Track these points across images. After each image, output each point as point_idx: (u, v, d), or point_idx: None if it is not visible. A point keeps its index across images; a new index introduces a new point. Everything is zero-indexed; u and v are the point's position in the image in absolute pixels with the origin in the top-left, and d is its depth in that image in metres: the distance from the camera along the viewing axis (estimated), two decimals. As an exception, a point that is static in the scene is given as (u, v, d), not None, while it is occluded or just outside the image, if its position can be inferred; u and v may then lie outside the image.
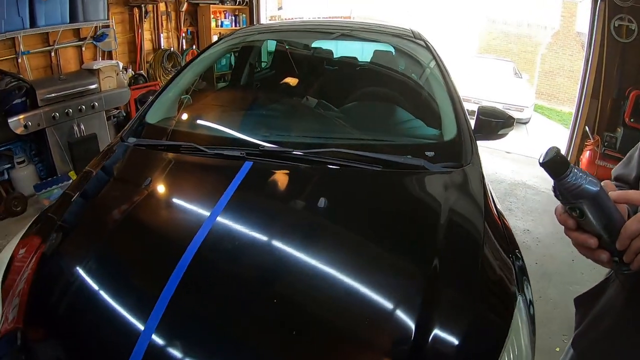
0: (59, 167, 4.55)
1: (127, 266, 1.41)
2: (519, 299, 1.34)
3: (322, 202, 1.54)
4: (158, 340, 1.07)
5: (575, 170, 0.74)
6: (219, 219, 1.43)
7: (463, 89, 8.68)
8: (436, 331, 1.14)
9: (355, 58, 3.30)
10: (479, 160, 1.90)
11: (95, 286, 1.28)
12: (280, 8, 17.51)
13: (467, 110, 2.26)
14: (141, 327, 1.10)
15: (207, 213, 1.46)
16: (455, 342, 1.14)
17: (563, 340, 2.44)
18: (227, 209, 1.47)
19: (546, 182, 5.45)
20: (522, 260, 1.57)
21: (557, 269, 3.41)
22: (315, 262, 1.35)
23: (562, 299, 2.91)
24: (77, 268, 1.33)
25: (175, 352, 1.06)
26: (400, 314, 1.19)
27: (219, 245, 1.37)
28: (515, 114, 9.13)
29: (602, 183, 0.77)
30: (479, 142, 2.13)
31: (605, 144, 5.36)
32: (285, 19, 17.25)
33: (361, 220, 1.53)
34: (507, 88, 9.79)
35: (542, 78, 14.78)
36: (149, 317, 1.11)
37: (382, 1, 19.00)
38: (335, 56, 3.31)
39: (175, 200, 1.74)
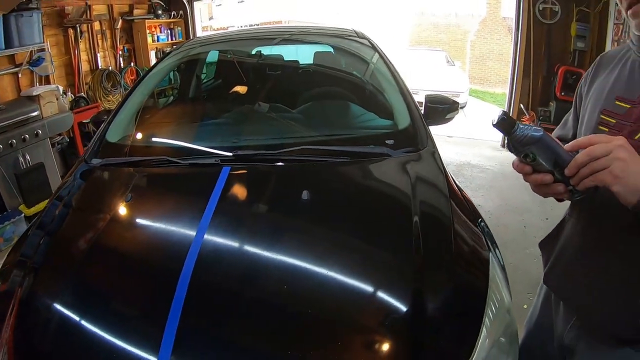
0: (7, 202, 4.34)
1: (121, 297, 1.32)
2: (492, 258, 1.46)
3: (305, 194, 1.60)
4: None
5: (522, 125, 0.92)
6: (208, 232, 1.39)
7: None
8: (428, 299, 1.24)
9: (301, 61, 3.40)
10: (434, 143, 2.03)
11: (87, 326, 1.19)
12: (211, 18, 17.39)
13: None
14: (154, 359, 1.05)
15: (194, 227, 1.41)
16: (447, 304, 1.26)
17: (529, 298, 2.61)
18: (215, 220, 1.44)
19: (489, 160, 5.78)
20: (487, 227, 1.70)
21: (512, 237, 3.68)
22: (314, 259, 1.39)
23: (522, 263, 3.13)
24: (63, 308, 1.24)
25: None
26: (395, 289, 1.28)
27: (215, 258, 1.35)
28: (453, 100, 9.59)
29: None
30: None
31: (541, 117, 5.90)
32: (219, 28, 17.13)
33: (344, 210, 1.60)
34: (442, 76, 10.23)
35: (474, 63, 15.49)
36: (159, 348, 1.06)
37: (309, 4, 19.16)
38: (280, 59, 3.36)
39: (157, 217, 1.67)
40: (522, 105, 5.90)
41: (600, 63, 1.20)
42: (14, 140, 4.32)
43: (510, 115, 0.95)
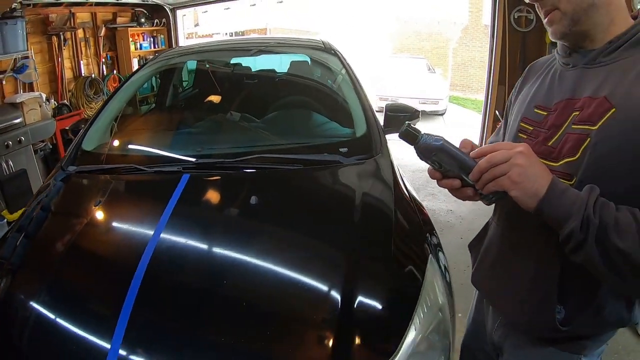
0: (-10, 208, 4.43)
1: (83, 294, 1.44)
2: (430, 261, 1.54)
3: (253, 199, 1.76)
4: (125, 353, 1.16)
5: (425, 135, 0.99)
6: (164, 232, 1.53)
7: (381, 89, 9.15)
8: (360, 296, 1.33)
9: (272, 71, 3.54)
10: (388, 151, 2.17)
11: (53, 318, 1.31)
12: (196, 25, 17.46)
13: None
14: (107, 345, 1.16)
15: (152, 228, 1.54)
16: (378, 302, 1.36)
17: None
18: (170, 222, 1.57)
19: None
20: (435, 232, 1.81)
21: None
22: (255, 256, 1.50)
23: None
24: (33, 305, 1.35)
25: None
26: (327, 286, 1.40)
27: (167, 256, 1.47)
28: (431, 107, 9.78)
29: (462, 140, 1.01)
30: (391, 136, 2.40)
31: (515, 124, 5.96)
32: (203, 36, 17.21)
33: (289, 213, 1.73)
34: (422, 84, 10.39)
35: (456, 71, 15.65)
36: (112, 336, 1.17)
37: (295, 12, 19.30)
38: (253, 70, 3.52)
39: (121, 220, 1.82)
40: (497, 112, 6.03)
41: (528, 72, 1.24)
42: (-3, 147, 4.38)
43: (414, 126, 1.02)
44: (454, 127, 9.05)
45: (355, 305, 1.31)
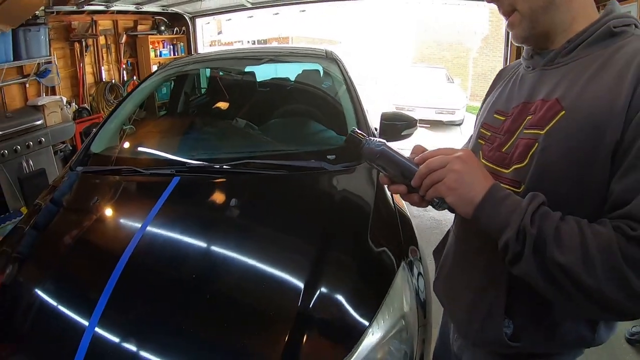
0: (10, 203, 4.61)
1: (72, 280, 1.60)
2: (402, 269, 1.57)
3: (232, 201, 1.89)
4: (101, 331, 1.28)
5: (368, 140, 0.98)
6: (149, 227, 1.67)
7: (398, 98, 9.17)
8: (321, 297, 1.39)
9: (277, 79, 3.68)
10: None
11: (46, 299, 1.47)
12: (220, 32, 17.78)
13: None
14: (86, 323, 1.30)
15: (139, 224, 1.70)
16: (339, 305, 1.40)
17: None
18: (156, 219, 1.72)
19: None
20: (416, 244, 1.83)
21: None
22: (227, 250, 1.64)
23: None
24: (31, 288, 1.51)
25: (115, 340, 1.28)
26: (289, 284, 1.47)
27: (148, 249, 1.60)
28: (447, 117, 9.78)
29: (414, 146, 0.98)
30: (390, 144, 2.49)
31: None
32: (225, 43, 17.48)
33: (266, 215, 1.84)
34: (440, 93, 10.34)
35: (476, 81, 15.52)
36: (91, 316, 1.32)
37: (318, 21, 19.46)
38: (259, 79, 3.63)
39: (114, 216, 1.97)
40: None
41: (498, 77, 1.20)
42: (19, 147, 4.60)
43: (360, 132, 1.01)
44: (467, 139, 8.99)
45: (316, 305, 1.36)
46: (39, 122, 4.93)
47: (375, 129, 2.69)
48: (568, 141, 0.83)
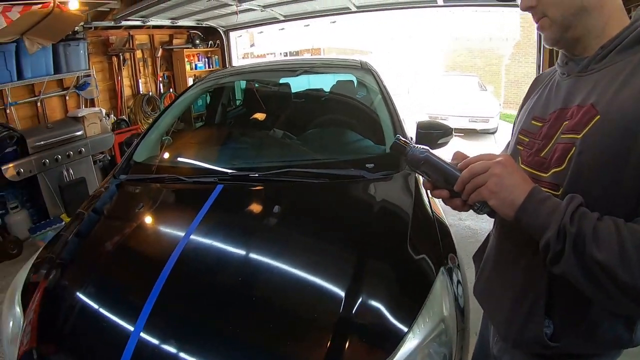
0: (50, 210, 4.79)
1: (117, 285, 1.64)
2: (441, 275, 1.57)
3: (276, 208, 1.88)
4: (146, 336, 1.31)
5: (413, 147, 1.03)
6: (194, 234, 1.71)
7: (431, 107, 9.07)
8: (363, 302, 1.40)
9: (313, 90, 3.71)
10: None
11: (89, 304, 1.51)
12: (252, 45, 18.06)
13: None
14: (131, 328, 1.33)
15: (184, 231, 1.73)
16: (380, 308, 1.40)
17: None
18: (200, 226, 1.75)
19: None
20: (455, 251, 1.81)
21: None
22: (271, 258, 1.63)
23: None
24: (74, 292, 1.56)
25: (161, 345, 1.31)
26: (334, 290, 1.47)
27: (193, 255, 1.63)
28: (481, 125, 9.62)
29: (454, 153, 1.03)
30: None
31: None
32: (258, 56, 17.73)
33: (308, 222, 1.87)
34: (473, 102, 10.20)
35: (509, 88, 15.20)
36: (136, 321, 1.35)
37: (348, 31, 19.50)
38: (294, 90, 3.69)
39: (159, 223, 2.01)
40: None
41: (534, 84, 1.22)
42: (60, 156, 4.79)
43: (404, 139, 1.06)
44: (504, 145, 8.82)
45: (357, 310, 1.38)
46: (79, 133, 5.12)
47: (411, 138, 2.68)
48: (603, 144, 0.86)
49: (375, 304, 1.42)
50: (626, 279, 0.76)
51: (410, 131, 2.75)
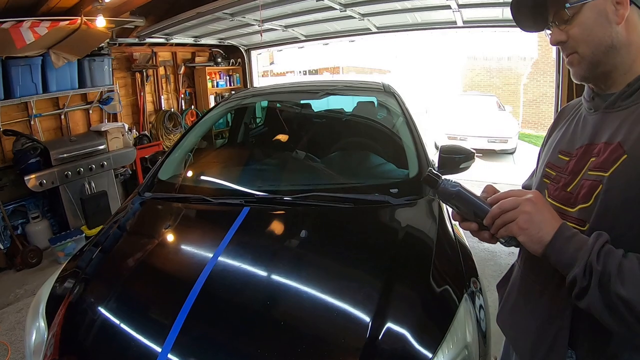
0: (71, 221, 4.89)
1: (144, 302, 1.63)
2: (464, 301, 1.58)
3: (303, 233, 1.89)
4: (174, 358, 1.30)
5: (445, 180, 1.05)
6: (222, 256, 1.72)
7: (449, 127, 9.01)
8: (388, 327, 1.41)
9: (336, 112, 3.73)
10: None
11: (115, 321, 1.51)
12: (272, 63, 18.29)
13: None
14: (158, 349, 1.33)
15: (212, 252, 1.74)
16: (405, 334, 1.41)
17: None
18: (228, 248, 1.76)
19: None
20: (477, 277, 1.83)
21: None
22: (299, 283, 1.64)
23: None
24: (100, 308, 1.56)
25: None
26: (360, 315, 1.47)
27: (222, 277, 1.64)
28: (500, 146, 9.55)
29: (485, 186, 1.07)
30: (447, 177, 2.49)
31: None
32: (278, 74, 17.91)
33: (334, 247, 1.86)
34: (491, 122, 10.16)
35: (527, 107, 15.10)
36: (164, 341, 1.34)
37: (367, 50, 19.61)
38: (316, 111, 3.72)
39: (186, 242, 2.03)
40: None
41: (559, 115, 1.24)
42: (82, 169, 4.89)
43: (436, 172, 1.08)
44: (523, 166, 8.76)
45: (383, 336, 1.38)
46: (101, 147, 5.23)
47: (433, 161, 2.69)
48: (630, 183, 0.87)
49: (400, 329, 1.42)
50: None
51: (431, 152, 2.74)
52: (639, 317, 0.79)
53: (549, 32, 1.05)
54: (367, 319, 1.43)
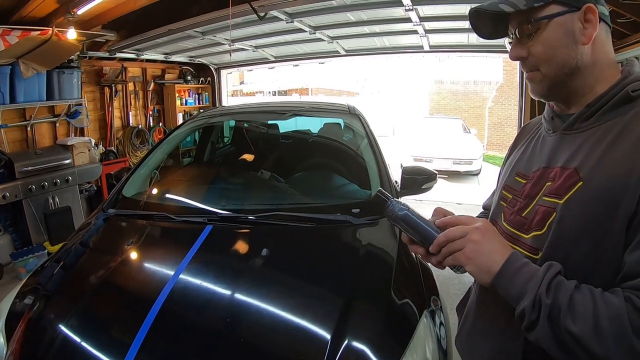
0: (34, 237, 4.74)
1: (104, 320, 1.61)
2: (424, 318, 1.61)
3: (264, 251, 1.93)
4: None
5: (394, 202, 1.01)
6: (183, 274, 1.72)
7: (415, 149, 9.18)
8: (347, 344, 1.42)
9: (301, 133, 3.80)
10: None
11: (75, 337, 1.49)
12: (242, 82, 18.35)
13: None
14: None
15: (173, 269, 1.74)
16: (364, 349, 1.43)
17: None
18: (190, 265, 1.77)
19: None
20: (438, 296, 1.87)
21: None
22: (259, 300, 1.65)
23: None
24: (60, 325, 1.53)
25: None
26: (319, 333, 1.50)
27: (182, 295, 1.64)
28: (465, 167, 9.77)
29: (435, 209, 1.02)
30: (407, 197, 2.58)
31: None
32: (247, 93, 17.96)
33: (295, 266, 1.89)
34: (457, 144, 10.38)
35: (492, 130, 15.52)
36: (125, 358, 1.33)
37: (336, 73, 19.85)
38: (282, 132, 3.77)
39: (148, 260, 2.02)
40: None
41: (520, 134, 1.20)
42: (46, 183, 4.78)
43: (386, 193, 1.04)
44: (487, 187, 8.99)
45: (342, 354, 1.39)
46: (67, 161, 5.13)
47: (396, 182, 2.75)
48: (585, 212, 0.85)
49: (360, 346, 1.43)
50: (600, 352, 0.75)
51: (396, 174, 2.83)
52: (590, 353, 0.76)
53: (508, 41, 1.02)
54: (327, 335, 1.45)
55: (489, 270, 0.87)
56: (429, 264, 1.99)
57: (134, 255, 2.01)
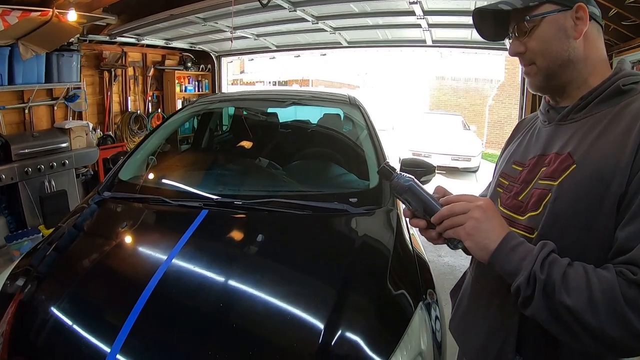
0: (29, 220, 4.73)
1: (95, 302, 1.60)
2: (419, 310, 1.60)
3: (260, 237, 1.93)
4: (122, 359, 1.28)
5: (398, 174, 1.05)
6: (176, 258, 1.69)
7: (414, 144, 9.17)
8: (340, 334, 1.40)
9: (300, 122, 3.79)
10: (395, 202, 2.26)
11: (65, 320, 1.47)
12: (242, 71, 18.27)
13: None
14: (107, 349, 1.31)
15: (166, 253, 1.72)
16: (358, 340, 1.41)
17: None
18: (183, 249, 1.74)
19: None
20: (433, 288, 1.85)
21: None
22: (253, 286, 1.63)
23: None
24: (50, 307, 1.52)
25: None
26: (312, 321, 1.48)
27: (175, 279, 1.62)
28: (463, 164, 9.77)
29: (436, 187, 1.06)
30: None
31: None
32: (247, 83, 17.90)
33: (290, 252, 1.87)
34: (456, 140, 10.37)
35: (492, 128, 15.52)
36: (114, 342, 1.32)
37: (338, 65, 19.77)
38: (282, 120, 3.74)
39: (141, 243, 1.99)
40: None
41: (516, 129, 1.27)
42: (42, 166, 4.76)
43: (391, 166, 1.08)
44: (485, 184, 8.95)
45: (336, 342, 1.38)
46: (64, 145, 5.10)
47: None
48: (578, 192, 0.91)
49: (353, 336, 1.42)
50: (594, 323, 0.79)
51: (395, 167, 2.80)
52: (585, 325, 0.80)
53: (508, 40, 1.09)
54: (320, 324, 1.44)
55: (486, 247, 0.92)
56: (425, 257, 2.05)
57: (127, 238, 1.99)
